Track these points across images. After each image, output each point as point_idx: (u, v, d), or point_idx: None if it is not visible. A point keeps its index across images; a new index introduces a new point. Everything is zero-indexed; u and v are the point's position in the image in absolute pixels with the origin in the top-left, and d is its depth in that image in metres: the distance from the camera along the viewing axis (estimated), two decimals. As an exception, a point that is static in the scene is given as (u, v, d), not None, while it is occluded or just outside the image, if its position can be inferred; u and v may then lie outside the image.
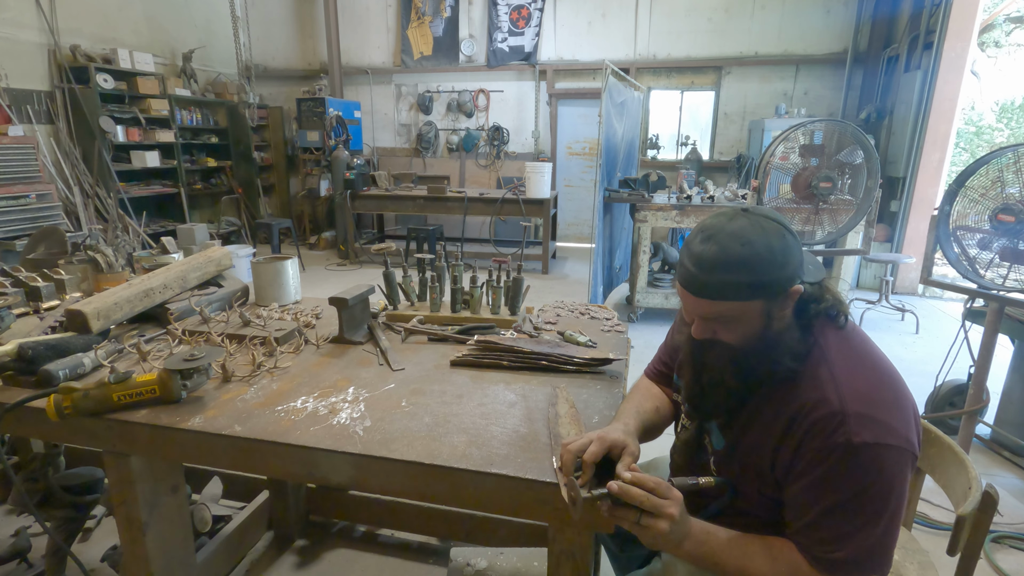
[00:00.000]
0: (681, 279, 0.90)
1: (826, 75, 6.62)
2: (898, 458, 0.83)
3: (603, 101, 4.08)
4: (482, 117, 7.79)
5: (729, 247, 0.84)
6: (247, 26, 8.04)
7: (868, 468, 0.82)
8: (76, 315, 1.41)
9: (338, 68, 7.59)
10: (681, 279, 0.90)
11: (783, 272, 0.85)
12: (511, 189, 6.32)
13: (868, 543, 0.83)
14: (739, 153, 6.85)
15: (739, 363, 0.92)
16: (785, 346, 0.90)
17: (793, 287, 0.87)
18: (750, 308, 0.87)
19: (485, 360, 1.37)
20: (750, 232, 0.85)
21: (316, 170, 7.59)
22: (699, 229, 0.90)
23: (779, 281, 0.85)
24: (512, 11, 7.26)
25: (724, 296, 0.86)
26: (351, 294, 1.44)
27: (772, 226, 0.86)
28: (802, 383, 0.89)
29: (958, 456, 1.11)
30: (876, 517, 0.83)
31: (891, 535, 0.85)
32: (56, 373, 1.25)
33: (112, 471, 1.19)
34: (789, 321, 0.91)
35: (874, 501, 0.83)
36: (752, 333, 0.90)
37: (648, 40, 7.02)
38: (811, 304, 0.93)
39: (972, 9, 4.94)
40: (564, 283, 6.02)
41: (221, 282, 1.78)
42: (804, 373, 0.90)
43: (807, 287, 0.91)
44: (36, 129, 5.53)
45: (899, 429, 0.84)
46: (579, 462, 0.88)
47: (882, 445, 0.82)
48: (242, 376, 1.25)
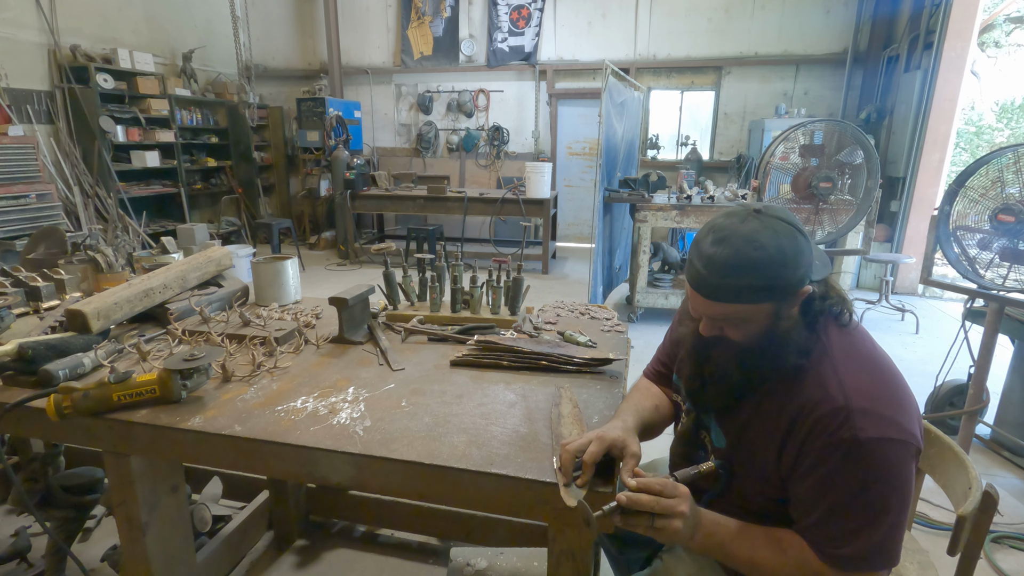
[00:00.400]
0: (691, 280, 0.90)
1: (826, 75, 6.62)
2: (903, 452, 0.83)
3: (603, 101, 4.08)
4: (482, 117, 7.80)
5: (741, 250, 0.84)
6: (247, 26, 8.04)
7: (873, 463, 0.82)
8: (76, 315, 1.40)
9: (338, 68, 7.59)
10: (691, 280, 0.90)
11: (794, 275, 0.85)
12: (511, 189, 6.32)
13: (876, 538, 0.84)
14: (739, 153, 6.85)
15: (744, 359, 0.93)
16: (790, 344, 0.90)
17: (803, 288, 0.88)
18: (760, 310, 0.88)
19: (485, 360, 1.37)
20: (762, 235, 0.84)
21: (316, 170, 7.59)
22: (710, 229, 0.89)
23: (790, 284, 0.86)
24: (512, 11, 7.26)
25: (735, 299, 0.86)
26: (351, 294, 1.44)
27: (784, 227, 0.86)
28: (805, 380, 0.90)
29: (958, 456, 1.11)
30: (883, 512, 0.83)
31: (899, 529, 0.85)
32: (56, 373, 1.25)
33: (112, 471, 1.19)
34: (795, 319, 0.91)
35: (881, 496, 0.83)
36: (759, 332, 0.90)
37: (648, 40, 7.02)
38: (816, 301, 0.93)
39: (972, 9, 4.94)
40: (564, 283, 6.02)
41: (221, 282, 1.78)
42: (807, 370, 0.90)
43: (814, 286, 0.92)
44: (36, 129, 5.53)
45: (903, 424, 0.84)
46: (578, 462, 0.88)
47: (887, 440, 0.82)
48: (242, 376, 1.24)
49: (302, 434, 1.01)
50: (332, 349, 1.45)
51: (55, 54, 5.66)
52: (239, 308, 1.64)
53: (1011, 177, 2.03)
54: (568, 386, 1.24)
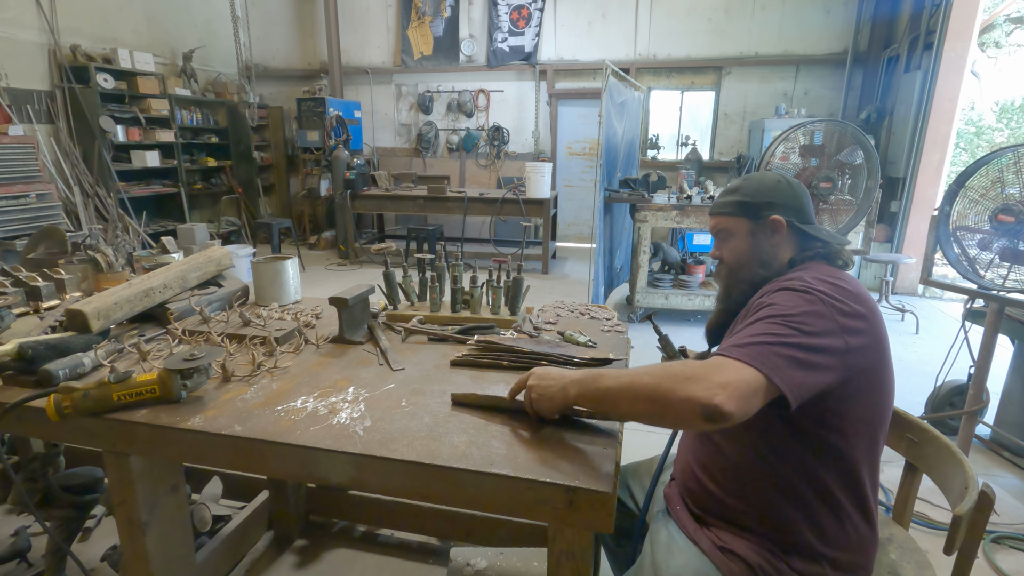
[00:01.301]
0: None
1: (826, 75, 6.63)
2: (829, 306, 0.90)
3: (603, 101, 4.09)
4: (482, 117, 7.80)
5: (735, 181, 1.17)
6: (247, 26, 8.05)
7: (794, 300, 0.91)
8: (76, 315, 1.41)
9: (338, 68, 7.60)
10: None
11: (764, 199, 1.10)
12: (511, 189, 6.32)
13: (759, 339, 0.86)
14: (739, 153, 6.85)
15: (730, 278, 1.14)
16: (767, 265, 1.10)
17: (773, 215, 1.09)
18: (737, 224, 1.13)
19: (485, 360, 1.36)
20: (756, 175, 1.17)
21: (316, 170, 7.59)
22: None
23: (759, 205, 1.11)
24: (512, 11, 7.27)
25: (719, 212, 1.17)
26: (351, 294, 1.44)
27: (775, 175, 1.15)
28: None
29: (955, 456, 1.11)
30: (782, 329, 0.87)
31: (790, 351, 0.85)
32: (56, 373, 1.25)
33: (112, 471, 1.19)
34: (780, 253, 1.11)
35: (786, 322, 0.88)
36: (742, 251, 1.13)
37: (648, 40, 7.03)
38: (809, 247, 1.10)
39: (972, 10, 4.95)
40: (564, 283, 6.02)
41: (221, 282, 1.78)
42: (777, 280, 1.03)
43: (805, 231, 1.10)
44: (36, 129, 5.54)
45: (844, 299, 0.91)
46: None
47: (816, 290, 0.92)
48: (242, 376, 1.24)
49: (302, 434, 1.01)
50: (332, 349, 1.44)
51: (55, 54, 5.66)
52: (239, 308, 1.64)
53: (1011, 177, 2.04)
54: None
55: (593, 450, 0.97)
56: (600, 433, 1.03)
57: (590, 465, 0.92)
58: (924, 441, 1.22)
